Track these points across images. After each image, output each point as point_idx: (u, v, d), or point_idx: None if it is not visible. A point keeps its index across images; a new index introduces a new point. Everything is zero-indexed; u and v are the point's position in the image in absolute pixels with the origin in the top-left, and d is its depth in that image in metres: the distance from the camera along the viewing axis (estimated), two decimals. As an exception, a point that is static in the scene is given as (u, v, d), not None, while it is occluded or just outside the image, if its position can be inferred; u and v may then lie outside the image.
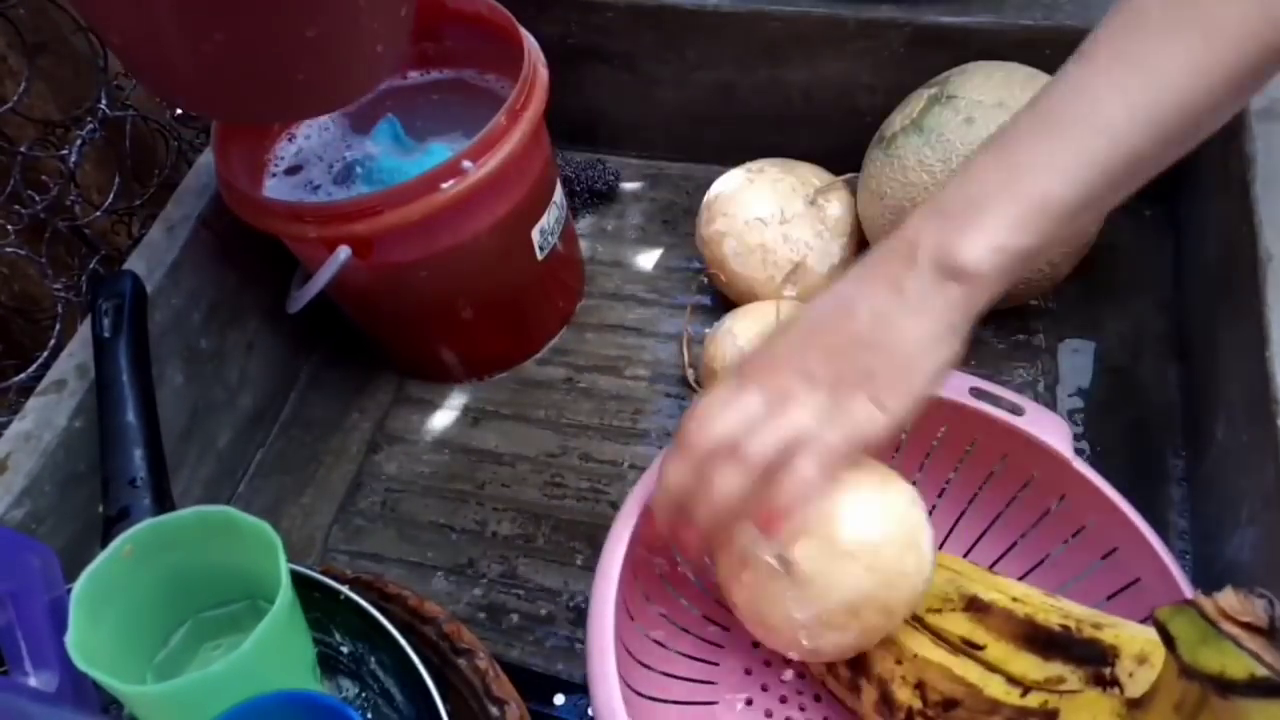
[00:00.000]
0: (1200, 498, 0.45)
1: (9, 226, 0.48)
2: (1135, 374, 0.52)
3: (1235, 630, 0.27)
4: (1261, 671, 0.26)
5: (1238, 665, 0.26)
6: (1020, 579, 0.42)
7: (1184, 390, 0.50)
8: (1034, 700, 0.34)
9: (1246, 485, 0.39)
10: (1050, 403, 0.51)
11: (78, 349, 0.46)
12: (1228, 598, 0.27)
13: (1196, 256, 0.52)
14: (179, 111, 0.60)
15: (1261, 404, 0.38)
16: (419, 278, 0.50)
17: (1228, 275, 0.45)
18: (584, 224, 0.65)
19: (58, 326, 0.50)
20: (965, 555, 0.43)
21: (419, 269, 0.49)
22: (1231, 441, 0.42)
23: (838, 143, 0.59)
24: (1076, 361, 0.53)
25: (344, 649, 0.39)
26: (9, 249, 0.48)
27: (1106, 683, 0.32)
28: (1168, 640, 0.28)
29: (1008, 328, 0.54)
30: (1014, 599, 0.37)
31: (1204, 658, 0.27)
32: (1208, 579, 0.42)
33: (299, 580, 0.36)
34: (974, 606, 0.37)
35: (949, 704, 0.35)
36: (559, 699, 0.43)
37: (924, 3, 0.54)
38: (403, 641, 0.36)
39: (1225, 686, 0.26)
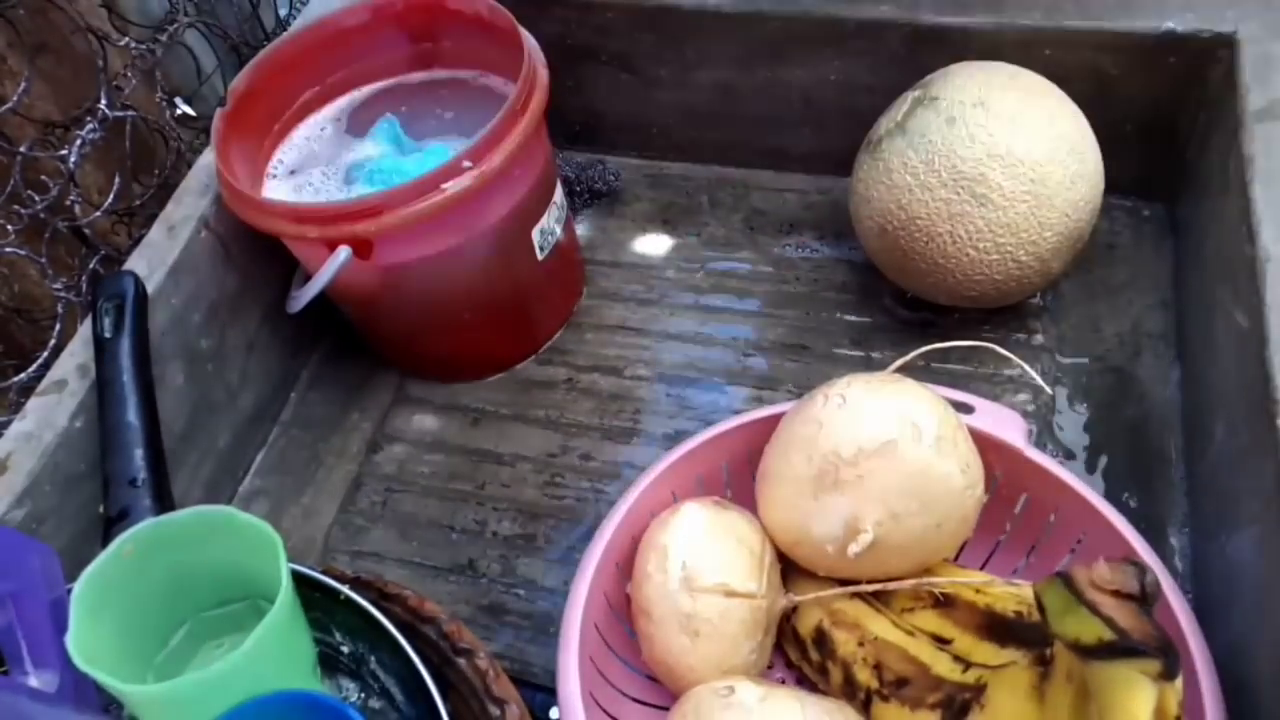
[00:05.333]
0: (1200, 497, 0.45)
1: (9, 226, 0.48)
2: (1135, 374, 0.52)
3: (1097, 597, 0.28)
4: (1108, 635, 0.27)
5: (1090, 630, 0.27)
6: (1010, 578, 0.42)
7: (1183, 390, 0.50)
8: (970, 676, 0.35)
9: (1246, 485, 0.39)
10: (1049, 402, 0.51)
11: (78, 349, 0.46)
12: (1099, 568, 0.28)
13: (1196, 256, 0.52)
14: (179, 112, 0.60)
15: (1261, 404, 0.38)
16: (419, 278, 0.50)
17: (1227, 275, 0.45)
18: (584, 224, 0.65)
19: (58, 326, 0.50)
20: (955, 560, 0.43)
21: (419, 269, 0.49)
22: (1231, 441, 0.42)
23: (837, 144, 0.59)
24: (1076, 361, 0.53)
25: (344, 648, 0.39)
26: (9, 249, 0.48)
27: (1046, 662, 0.33)
28: (1041, 611, 0.29)
29: (1006, 327, 0.54)
30: (976, 590, 0.38)
31: (1065, 625, 0.28)
32: (1208, 579, 0.43)
33: (299, 580, 0.36)
34: (941, 602, 0.38)
35: (901, 682, 0.36)
36: (554, 713, 0.43)
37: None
38: (403, 641, 0.36)
39: (1083, 651, 0.27)
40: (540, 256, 0.54)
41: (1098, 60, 0.53)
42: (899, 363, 0.41)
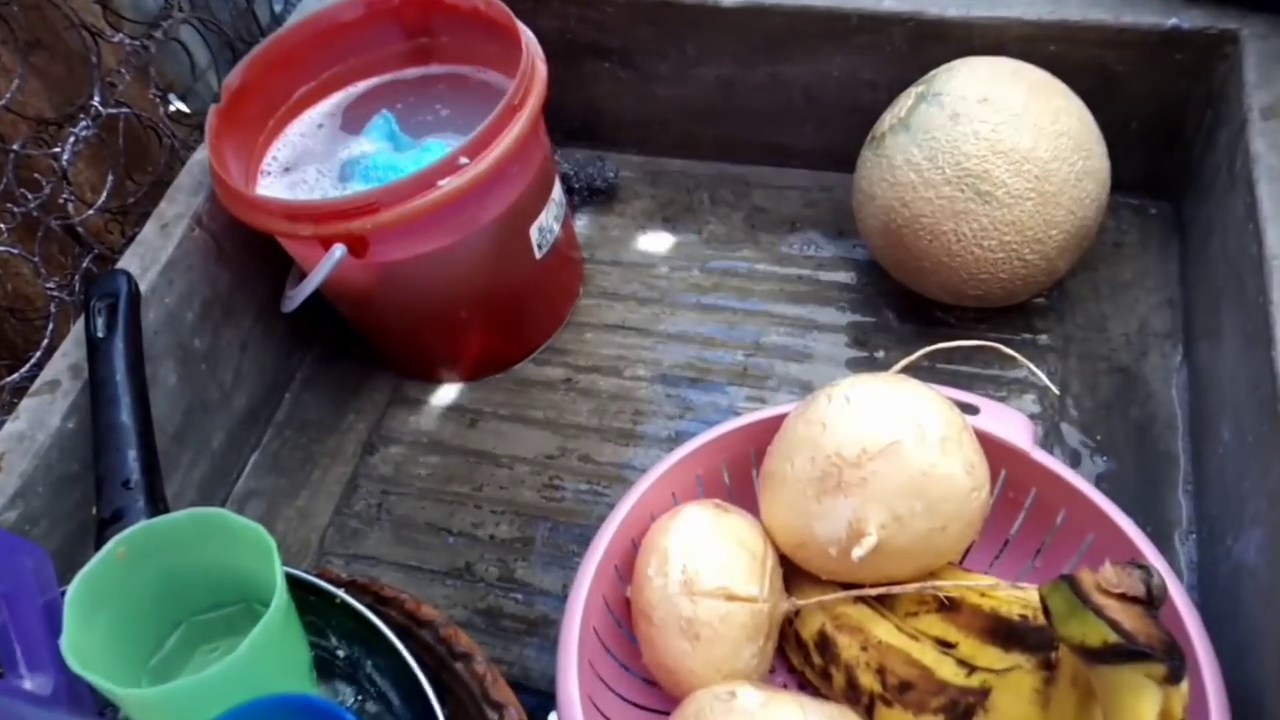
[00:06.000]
0: (1206, 498, 0.45)
1: (2, 225, 0.48)
2: (1141, 373, 0.51)
3: (1102, 601, 0.28)
4: (1113, 638, 0.27)
5: (1095, 633, 0.27)
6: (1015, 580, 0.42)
7: (1190, 390, 0.50)
8: (975, 680, 0.35)
9: (1252, 485, 0.39)
10: (1055, 403, 0.51)
11: (71, 349, 0.46)
12: (1106, 571, 0.28)
13: (1202, 255, 0.52)
14: (173, 109, 0.60)
15: (1268, 404, 0.38)
16: (415, 276, 0.50)
17: (1233, 274, 0.45)
18: (583, 222, 0.64)
19: (51, 326, 0.49)
20: (960, 563, 0.43)
21: (415, 267, 0.49)
22: (1237, 441, 0.41)
23: (839, 140, 0.59)
24: (1082, 360, 0.52)
25: (340, 652, 0.39)
26: (1, 248, 0.48)
27: (1051, 666, 0.32)
28: (1047, 614, 0.29)
29: (1012, 326, 0.54)
30: (981, 594, 0.37)
31: (1070, 628, 0.28)
32: (1214, 579, 0.42)
33: (294, 583, 0.36)
34: (945, 605, 0.38)
35: (904, 686, 0.36)
36: (552, 717, 0.42)
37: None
38: (400, 645, 0.35)
39: (1088, 654, 0.27)
40: (538, 255, 0.53)
41: (1103, 56, 0.52)
42: (903, 363, 0.41)
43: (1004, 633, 0.36)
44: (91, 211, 0.53)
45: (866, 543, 0.35)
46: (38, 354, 0.49)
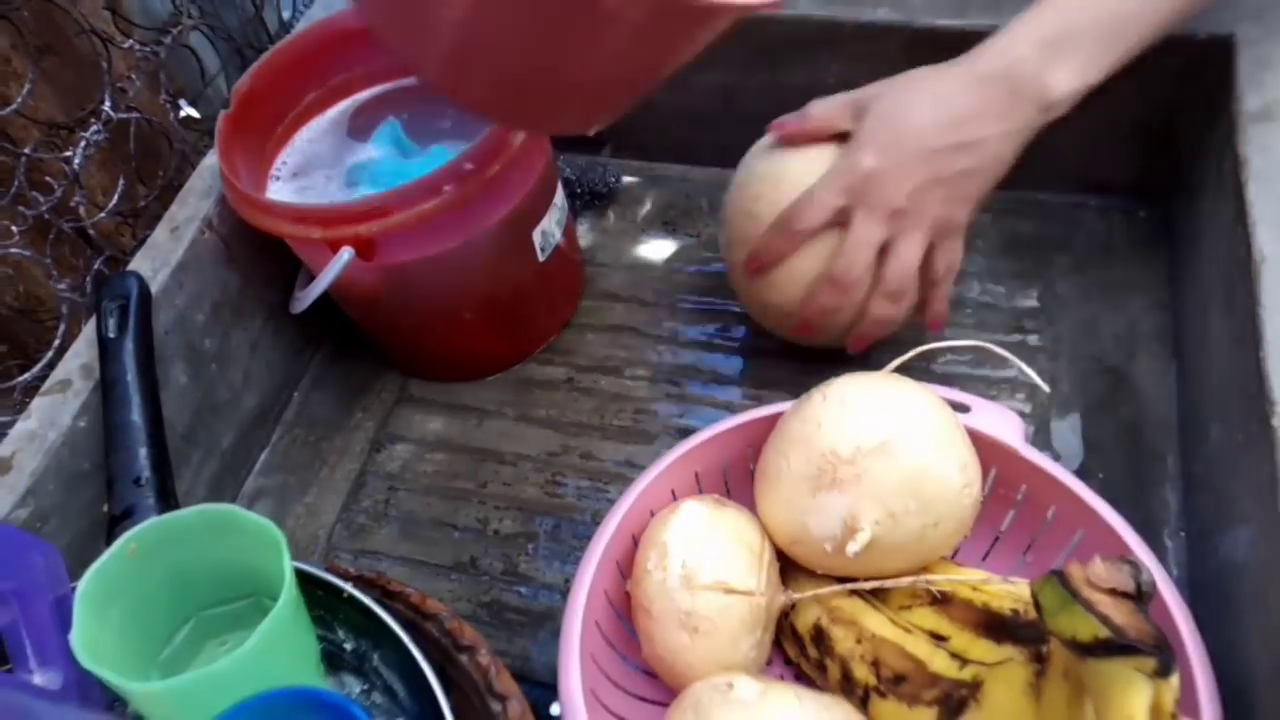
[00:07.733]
0: (1195, 497, 0.46)
1: (14, 228, 0.49)
2: (1131, 374, 0.52)
3: (1092, 595, 0.28)
4: (1104, 633, 0.27)
5: (1086, 628, 0.27)
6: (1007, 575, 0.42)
7: (1179, 390, 0.50)
8: (967, 673, 0.35)
9: (1241, 484, 0.40)
10: (1045, 402, 0.51)
11: (82, 349, 0.46)
12: (1095, 566, 0.28)
13: (1192, 257, 0.52)
14: (183, 114, 0.61)
15: (1256, 403, 0.38)
16: (421, 278, 0.51)
17: (1223, 275, 0.45)
18: (584, 225, 0.65)
19: (62, 327, 0.50)
20: (952, 558, 0.44)
21: (421, 270, 0.50)
22: (1227, 441, 0.42)
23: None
24: (1072, 361, 0.53)
25: (347, 646, 0.40)
26: (14, 250, 0.49)
27: (1043, 660, 0.33)
28: (1038, 608, 0.29)
29: (1004, 327, 0.55)
30: (973, 588, 0.38)
31: (1061, 623, 0.28)
32: (1203, 578, 0.43)
33: (303, 578, 0.36)
34: (938, 599, 0.39)
35: (898, 679, 0.36)
36: (555, 709, 0.43)
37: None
38: (406, 638, 0.36)
39: (1079, 648, 0.28)
40: (541, 258, 0.54)
41: (1095, 62, 0.53)
42: (897, 362, 0.41)
43: (996, 626, 0.37)
44: (103, 214, 0.54)
45: (861, 538, 0.36)
46: (49, 354, 0.49)
